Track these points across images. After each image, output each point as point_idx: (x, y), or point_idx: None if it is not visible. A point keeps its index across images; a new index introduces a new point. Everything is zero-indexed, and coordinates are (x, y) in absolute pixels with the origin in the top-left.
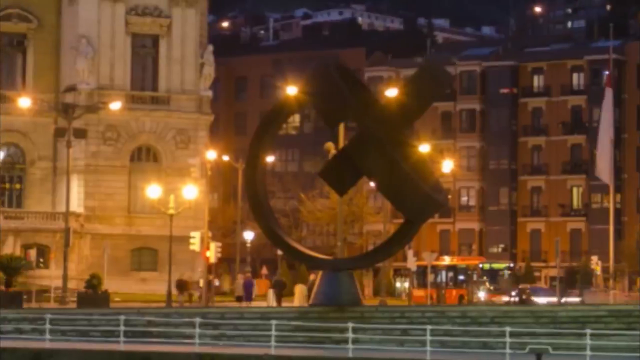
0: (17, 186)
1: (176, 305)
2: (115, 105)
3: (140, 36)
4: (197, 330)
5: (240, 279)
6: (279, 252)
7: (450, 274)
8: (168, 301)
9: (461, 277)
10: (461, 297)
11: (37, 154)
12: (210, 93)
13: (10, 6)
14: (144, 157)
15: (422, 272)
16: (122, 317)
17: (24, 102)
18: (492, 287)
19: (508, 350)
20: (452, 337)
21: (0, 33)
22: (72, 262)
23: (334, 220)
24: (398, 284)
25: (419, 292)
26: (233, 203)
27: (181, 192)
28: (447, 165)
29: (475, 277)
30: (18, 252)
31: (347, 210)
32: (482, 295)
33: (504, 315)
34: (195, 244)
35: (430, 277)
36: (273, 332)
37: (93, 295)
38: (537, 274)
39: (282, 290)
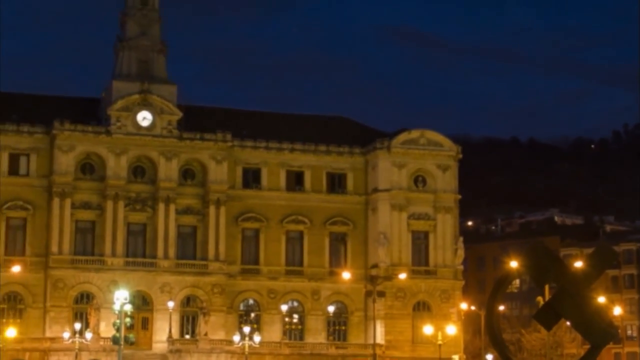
0: (342, 327)
1: None
2: (402, 276)
3: (417, 232)
4: None
5: None
6: None
7: None
8: None
9: None
10: None
11: (355, 307)
12: (461, 267)
13: (336, 215)
14: (421, 308)
15: None
16: None
17: (346, 275)
18: None
19: None
20: None
21: (330, 232)
22: None
23: (544, 346)
24: None
25: None
26: (478, 336)
27: (445, 330)
28: (617, 310)
29: None
30: None
31: (552, 340)
32: None
33: None
34: None
35: None
36: None
37: None
38: None
39: None
